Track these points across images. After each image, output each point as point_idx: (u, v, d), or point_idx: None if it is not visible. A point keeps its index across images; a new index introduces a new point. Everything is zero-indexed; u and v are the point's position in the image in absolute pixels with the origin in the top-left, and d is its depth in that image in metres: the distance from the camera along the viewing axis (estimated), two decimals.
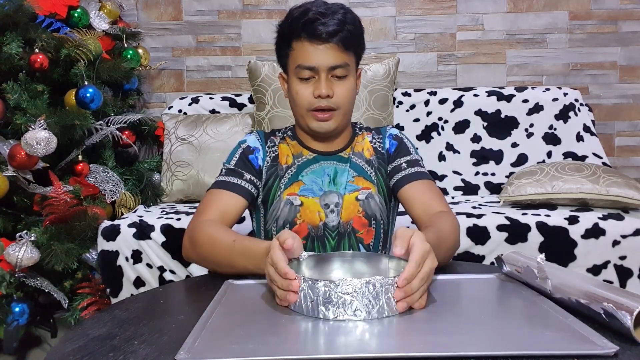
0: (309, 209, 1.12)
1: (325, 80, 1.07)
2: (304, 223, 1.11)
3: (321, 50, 1.05)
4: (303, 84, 1.08)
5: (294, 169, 1.14)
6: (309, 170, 1.14)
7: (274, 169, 1.15)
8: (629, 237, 1.63)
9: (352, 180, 1.14)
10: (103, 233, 1.71)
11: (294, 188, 1.13)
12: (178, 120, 2.19)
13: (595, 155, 2.17)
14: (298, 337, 0.67)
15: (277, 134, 1.21)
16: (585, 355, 0.58)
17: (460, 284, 0.87)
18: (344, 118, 1.12)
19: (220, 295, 0.82)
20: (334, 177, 1.14)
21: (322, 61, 1.06)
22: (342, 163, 1.15)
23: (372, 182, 1.15)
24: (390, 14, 2.52)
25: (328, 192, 1.13)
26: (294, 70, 1.09)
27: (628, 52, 2.48)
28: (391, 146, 1.19)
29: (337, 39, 1.05)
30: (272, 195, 1.14)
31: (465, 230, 1.64)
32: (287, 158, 1.16)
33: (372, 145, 1.19)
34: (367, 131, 1.22)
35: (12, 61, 1.76)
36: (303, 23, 1.05)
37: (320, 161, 1.15)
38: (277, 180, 1.14)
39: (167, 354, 0.62)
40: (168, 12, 2.56)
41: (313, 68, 1.06)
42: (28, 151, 1.62)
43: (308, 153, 1.16)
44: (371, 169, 1.17)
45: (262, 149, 1.16)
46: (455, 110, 2.28)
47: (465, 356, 0.58)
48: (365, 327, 0.68)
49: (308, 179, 1.13)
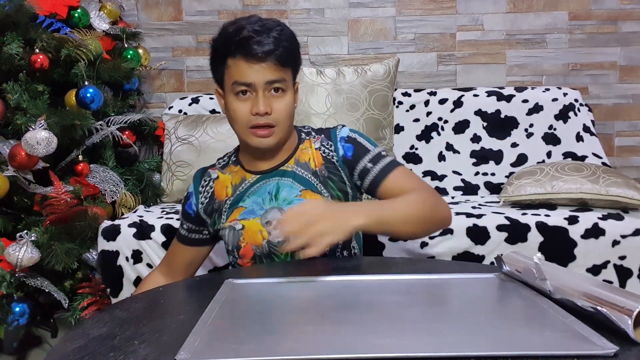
0: (250, 230, 1.13)
1: (263, 97, 1.05)
2: (248, 244, 1.13)
3: (257, 68, 1.04)
4: (240, 100, 1.07)
5: (233, 198, 1.16)
6: (250, 192, 1.15)
7: (210, 207, 1.19)
8: (628, 237, 1.63)
9: (300, 194, 1.12)
10: (103, 233, 1.71)
11: (234, 215, 1.15)
12: (178, 121, 2.19)
13: (595, 156, 2.17)
14: (298, 337, 0.67)
15: (219, 162, 1.23)
16: (585, 355, 0.58)
17: (460, 284, 0.87)
18: (283, 133, 1.11)
19: (220, 295, 0.82)
20: (276, 193, 1.13)
21: (258, 78, 1.05)
22: (285, 177, 1.14)
23: (320, 193, 1.13)
24: (390, 14, 2.52)
25: (269, 209, 1.13)
26: (230, 87, 1.07)
27: (628, 52, 2.48)
28: (346, 151, 1.14)
29: (273, 57, 1.04)
30: (217, 226, 1.18)
31: (465, 230, 1.64)
32: (227, 190, 1.17)
33: (321, 154, 1.15)
34: (315, 135, 1.19)
35: (13, 61, 1.76)
36: (237, 41, 1.03)
37: (262, 180, 1.15)
38: (216, 215, 1.18)
39: (167, 354, 0.62)
40: (168, 12, 2.56)
41: (250, 84, 1.05)
42: (28, 151, 1.62)
43: (250, 176, 1.16)
44: (316, 179, 1.14)
45: (194, 193, 1.21)
46: (455, 110, 2.29)
47: (465, 356, 0.58)
48: (365, 327, 0.68)
49: (250, 201, 1.14)
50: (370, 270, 1.03)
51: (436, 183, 2.21)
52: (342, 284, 0.89)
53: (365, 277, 0.92)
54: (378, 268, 1.08)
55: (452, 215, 1.11)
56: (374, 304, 0.78)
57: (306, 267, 1.06)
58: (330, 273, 0.94)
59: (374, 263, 1.14)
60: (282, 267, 1.10)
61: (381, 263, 1.16)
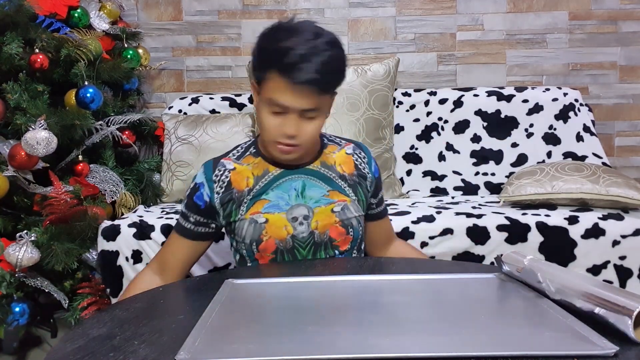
0: (275, 224, 1.11)
1: (295, 121, 1.03)
2: (271, 239, 1.11)
3: (296, 94, 1.00)
4: (273, 116, 1.05)
5: (256, 190, 1.13)
6: (275, 186, 1.13)
7: (228, 196, 1.13)
8: (628, 237, 1.63)
9: (327, 194, 1.14)
10: (103, 233, 1.71)
11: (257, 207, 1.12)
12: (178, 120, 2.19)
13: (595, 155, 2.17)
14: (298, 337, 0.67)
15: (232, 154, 1.19)
16: (585, 356, 0.58)
17: (460, 283, 0.87)
18: (306, 150, 1.11)
19: (220, 295, 0.82)
20: (302, 190, 1.13)
21: (295, 104, 1.01)
22: (311, 176, 1.15)
23: (347, 195, 1.16)
24: (390, 14, 2.52)
25: (295, 205, 1.12)
26: (266, 99, 1.05)
27: (628, 52, 2.48)
28: (375, 172, 1.22)
29: (314, 86, 0.99)
30: (233, 218, 1.14)
31: (465, 230, 1.64)
32: (248, 180, 1.14)
33: (354, 162, 1.19)
34: (340, 142, 1.22)
35: (12, 61, 1.76)
36: (283, 63, 0.99)
37: (287, 176, 1.14)
38: (234, 205, 1.13)
39: (167, 354, 0.62)
40: (168, 12, 2.56)
41: (285, 107, 1.02)
42: (28, 151, 1.62)
43: (274, 169, 1.14)
44: (344, 183, 1.17)
45: (206, 183, 1.14)
46: (455, 110, 2.28)
47: (465, 356, 0.58)
48: (365, 327, 0.68)
49: (273, 195, 1.13)
50: (371, 270, 1.03)
51: (436, 183, 2.21)
52: (342, 284, 0.89)
53: (365, 277, 0.92)
54: (378, 268, 1.08)
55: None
56: (374, 304, 0.78)
57: (306, 267, 1.06)
58: (330, 273, 0.94)
59: (374, 263, 1.14)
60: (282, 267, 1.10)
61: (381, 263, 1.16)
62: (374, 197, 1.23)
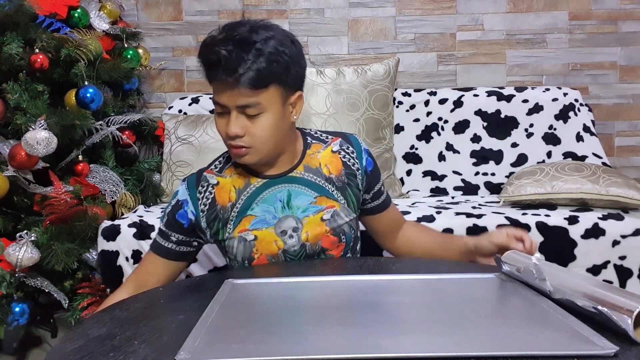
0: (264, 240, 1.08)
1: (235, 119, 1.00)
2: (262, 255, 1.09)
3: (228, 92, 0.99)
4: (219, 117, 1.04)
5: (240, 204, 1.09)
6: (259, 200, 1.09)
7: (213, 214, 1.09)
8: (628, 237, 1.63)
9: (314, 201, 1.10)
10: (103, 233, 1.71)
11: (244, 224, 1.08)
12: (178, 120, 2.19)
13: (595, 155, 2.17)
14: (298, 337, 0.67)
15: (215, 166, 1.14)
16: (585, 356, 0.58)
17: (460, 283, 0.87)
18: (265, 153, 1.05)
19: (220, 295, 0.82)
20: (288, 200, 1.09)
21: (229, 102, 0.99)
22: (296, 184, 1.10)
23: (336, 200, 1.12)
24: (390, 14, 2.52)
25: (283, 217, 1.09)
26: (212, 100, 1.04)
27: (628, 52, 2.48)
28: (368, 165, 1.16)
29: (245, 82, 0.96)
30: (222, 237, 1.10)
31: (465, 230, 1.64)
32: (230, 194, 1.09)
33: (341, 159, 1.14)
34: (326, 139, 1.16)
35: (12, 61, 1.75)
36: (207, 64, 0.99)
37: (270, 187, 1.09)
38: (220, 224, 1.09)
39: (167, 354, 0.62)
40: (168, 12, 2.56)
41: (223, 106, 1.01)
42: (28, 151, 1.62)
43: (256, 180, 1.10)
44: (332, 187, 1.12)
45: (190, 200, 1.09)
46: (455, 110, 2.28)
47: (465, 356, 0.58)
48: (365, 327, 0.68)
49: (259, 209, 1.09)
50: (371, 270, 1.02)
51: (436, 183, 2.21)
52: (342, 284, 0.89)
53: (365, 277, 0.92)
54: (378, 268, 1.08)
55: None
56: (374, 304, 0.78)
57: (306, 267, 1.06)
58: (331, 273, 0.94)
59: (374, 263, 1.14)
60: (282, 267, 1.09)
61: (381, 263, 1.16)
62: (368, 192, 1.18)
